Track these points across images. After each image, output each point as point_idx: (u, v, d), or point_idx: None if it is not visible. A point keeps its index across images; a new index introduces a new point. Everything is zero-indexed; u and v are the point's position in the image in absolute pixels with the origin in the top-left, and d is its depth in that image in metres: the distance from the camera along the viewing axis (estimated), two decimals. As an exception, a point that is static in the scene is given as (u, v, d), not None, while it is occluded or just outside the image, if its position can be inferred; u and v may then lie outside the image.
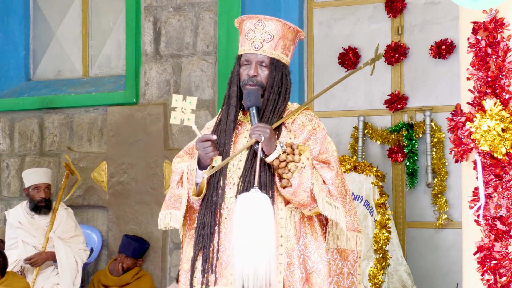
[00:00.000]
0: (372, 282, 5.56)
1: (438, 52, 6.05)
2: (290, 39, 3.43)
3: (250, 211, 3.04)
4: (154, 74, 6.60)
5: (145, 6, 6.63)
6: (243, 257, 3.00)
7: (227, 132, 3.34)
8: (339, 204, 3.22)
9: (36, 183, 6.22)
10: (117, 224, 6.60)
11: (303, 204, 3.21)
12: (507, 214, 2.93)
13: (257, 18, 3.40)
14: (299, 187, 3.17)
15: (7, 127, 7.21)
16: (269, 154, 3.17)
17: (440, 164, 5.98)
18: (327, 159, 3.29)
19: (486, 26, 2.98)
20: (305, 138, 3.33)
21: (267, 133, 3.16)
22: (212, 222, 3.24)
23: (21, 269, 6.02)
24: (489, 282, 2.94)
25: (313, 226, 3.33)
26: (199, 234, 3.27)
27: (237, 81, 3.38)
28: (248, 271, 2.99)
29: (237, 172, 3.28)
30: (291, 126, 3.35)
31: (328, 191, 3.22)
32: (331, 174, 3.23)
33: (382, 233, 5.63)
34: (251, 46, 3.36)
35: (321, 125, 3.41)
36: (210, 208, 3.26)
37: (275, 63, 3.36)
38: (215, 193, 3.27)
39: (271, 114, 3.32)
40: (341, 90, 6.38)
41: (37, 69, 7.42)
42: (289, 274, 3.23)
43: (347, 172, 5.82)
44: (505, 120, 2.90)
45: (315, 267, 3.28)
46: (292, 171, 3.17)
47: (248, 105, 3.28)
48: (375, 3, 6.31)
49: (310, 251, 3.29)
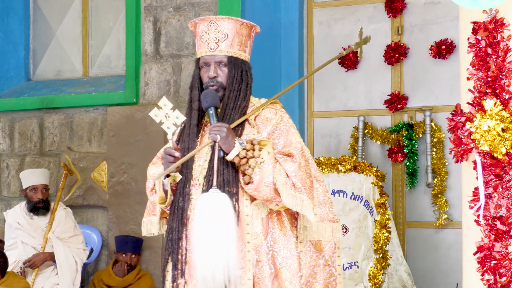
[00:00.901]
0: (372, 282, 5.56)
1: (438, 52, 6.05)
2: (245, 34, 3.44)
3: (208, 211, 3.04)
4: (154, 74, 6.60)
5: (145, 6, 6.63)
6: (202, 257, 3.01)
7: (190, 137, 3.36)
8: (305, 196, 3.20)
9: (33, 184, 6.21)
10: (117, 224, 6.60)
11: (267, 199, 3.21)
12: (507, 214, 2.93)
13: (209, 19, 3.42)
14: (261, 183, 3.16)
15: (7, 127, 7.21)
16: (229, 153, 3.18)
17: (440, 164, 5.98)
18: (290, 152, 3.27)
19: (486, 26, 2.98)
20: (269, 132, 3.33)
21: (224, 132, 3.17)
22: (179, 227, 3.26)
23: (21, 269, 6.02)
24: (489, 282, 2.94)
25: (282, 221, 3.33)
26: (168, 239, 3.29)
27: (198, 85, 3.41)
28: (206, 272, 3.00)
29: (202, 173, 3.29)
30: (254, 122, 3.36)
31: (292, 184, 3.20)
32: (294, 167, 3.21)
33: (382, 233, 5.63)
34: (207, 48, 3.38)
35: (285, 118, 3.39)
36: (177, 213, 3.28)
37: (233, 61, 3.38)
38: (181, 198, 3.29)
39: (232, 111, 3.33)
40: (341, 90, 6.39)
41: (37, 69, 7.42)
42: (258, 271, 3.23)
43: (347, 172, 5.82)
44: (505, 120, 2.90)
45: (285, 263, 3.27)
46: (252, 167, 3.17)
47: (206, 106, 3.30)
48: (375, 3, 6.31)
49: (279, 246, 3.28)
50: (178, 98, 6.50)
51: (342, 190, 5.82)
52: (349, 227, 5.74)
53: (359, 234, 5.72)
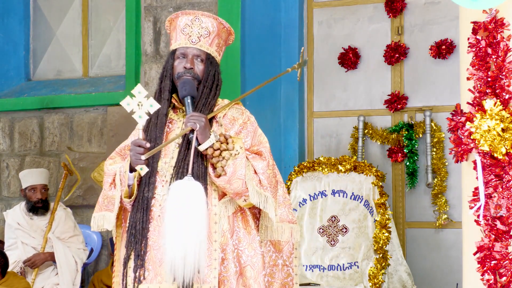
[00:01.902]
0: (372, 282, 5.56)
1: (438, 52, 6.05)
2: (223, 39, 3.47)
3: (183, 197, 3.01)
4: (154, 74, 6.60)
5: (145, 6, 6.63)
6: (174, 242, 2.98)
7: (158, 127, 3.34)
8: (269, 194, 3.23)
9: (32, 184, 6.22)
10: (117, 224, 6.59)
11: (238, 192, 3.20)
12: (507, 214, 2.93)
13: (194, 14, 3.43)
14: (234, 175, 3.17)
15: (7, 127, 7.21)
16: (203, 143, 3.17)
17: (440, 164, 5.98)
18: (259, 150, 3.30)
19: (486, 26, 2.98)
20: (236, 131, 3.34)
21: (202, 121, 3.16)
22: (144, 217, 3.23)
23: (21, 269, 6.02)
24: (489, 282, 2.94)
25: (246, 220, 3.33)
26: (131, 233, 3.26)
27: (170, 75, 3.40)
28: (177, 256, 2.97)
29: (169, 170, 3.27)
30: (222, 121, 3.37)
31: (258, 181, 3.22)
32: (262, 164, 3.24)
33: (382, 233, 5.63)
34: (187, 40, 3.38)
35: (252, 118, 3.41)
36: (142, 204, 3.25)
37: (210, 59, 3.39)
38: (146, 188, 3.26)
39: (203, 106, 3.32)
40: (341, 90, 6.39)
41: (37, 69, 7.42)
42: (224, 269, 3.23)
43: (347, 172, 5.82)
44: (505, 120, 2.90)
45: (249, 261, 3.28)
46: (226, 158, 3.17)
47: (184, 94, 3.28)
48: (375, 3, 6.31)
49: (243, 245, 3.29)
50: (178, 98, 6.49)
51: (342, 190, 5.82)
52: (349, 227, 5.74)
53: (359, 234, 5.72)
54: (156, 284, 3.21)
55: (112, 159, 3.43)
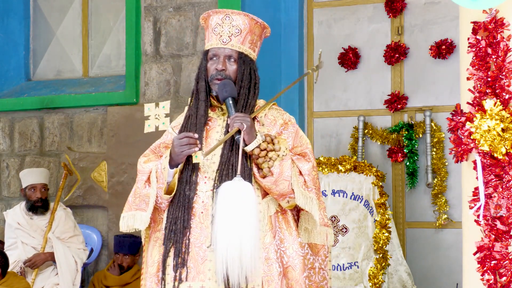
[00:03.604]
0: (372, 282, 5.56)
1: (438, 52, 6.05)
2: (257, 34, 3.41)
3: (234, 198, 2.98)
4: (154, 74, 6.60)
5: (145, 6, 6.63)
6: (228, 243, 2.94)
7: (197, 127, 3.31)
8: (314, 195, 3.21)
9: (32, 183, 6.22)
10: (117, 224, 6.54)
11: (283, 193, 3.19)
12: (507, 214, 2.93)
13: (225, 12, 3.39)
14: (281, 176, 3.15)
15: (7, 127, 7.21)
16: (249, 143, 3.14)
17: (440, 164, 5.98)
18: (303, 151, 3.28)
19: (486, 26, 2.98)
20: (278, 132, 3.32)
21: (248, 122, 3.14)
22: (185, 216, 3.20)
23: (21, 269, 6.02)
24: (489, 282, 2.94)
25: (288, 220, 3.31)
26: (171, 230, 3.22)
27: (205, 76, 3.36)
28: (233, 258, 2.93)
29: (211, 166, 3.25)
30: (263, 120, 3.34)
31: (304, 182, 3.20)
32: (308, 166, 3.22)
33: (382, 233, 5.63)
34: (218, 40, 3.34)
35: (293, 120, 3.39)
36: (183, 202, 3.22)
37: (243, 58, 3.34)
38: (188, 187, 3.23)
39: (243, 108, 3.29)
40: (341, 90, 6.39)
41: (37, 69, 7.42)
42: (267, 269, 3.20)
43: (347, 172, 5.82)
44: (505, 120, 2.90)
45: (291, 262, 3.26)
46: (273, 159, 3.15)
47: (225, 96, 3.25)
48: (375, 3, 6.31)
49: (285, 245, 3.27)
50: (178, 98, 6.50)
51: (342, 190, 5.82)
52: (349, 227, 5.74)
53: (359, 234, 5.72)
54: (198, 282, 3.17)
55: (146, 157, 3.41)
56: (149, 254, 3.37)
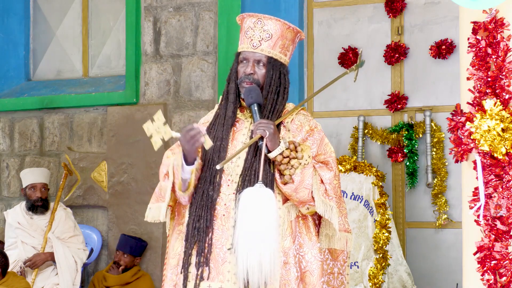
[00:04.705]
0: (372, 282, 5.56)
1: (438, 52, 6.05)
2: (289, 39, 3.42)
3: (255, 205, 3.04)
4: (154, 74, 6.60)
5: (145, 6, 6.63)
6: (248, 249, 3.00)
7: (225, 127, 3.34)
8: (334, 204, 3.24)
9: (32, 182, 6.22)
10: (117, 224, 6.60)
11: (303, 201, 3.22)
12: (507, 214, 2.93)
13: (257, 16, 3.42)
14: (301, 184, 3.18)
15: (7, 127, 7.21)
16: (272, 150, 3.18)
17: (440, 164, 5.98)
18: (326, 160, 3.31)
19: (486, 26, 2.98)
20: (303, 138, 3.34)
21: (271, 129, 3.17)
22: (208, 216, 3.24)
23: (21, 269, 6.02)
24: (489, 282, 2.94)
25: (308, 225, 3.34)
26: (194, 227, 3.26)
27: (235, 78, 3.40)
28: (253, 263, 2.99)
29: (235, 170, 3.28)
30: (289, 126, 3.36)
31: (324, 190, 3.23)
32: (330, 175, 3.26)
33: (382, 233, 5.63)
34: (249, 44, 3.38)
35: (319, 126, 3.42)
36: (206, 202, 3.26)
37: (272, 62, 3.36)
38: (211, 187, 3.27)
39: (270, 113, 3.32)
40: (341, 90, 6.39)
41: (37, 69, 7.42)
42: (285, 273, 3.23)
43: (347, 172, 5.82)
44: (505, 120, 2.90)
45: (309, 267, 3.29)
46: (295, 167, 3.17)
47: (250, 102, 3.28)
48: (375, 3, 6.31)
49: (304, 250, 3.30)
50: (178, 98, 6.50)
51: (342, 190, 5.82)
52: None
53: (359, 234, 5.72)
54: (217, 282, 3.21)
55: (171, 151, 3.43)
56: (172, 246, 3.42)
